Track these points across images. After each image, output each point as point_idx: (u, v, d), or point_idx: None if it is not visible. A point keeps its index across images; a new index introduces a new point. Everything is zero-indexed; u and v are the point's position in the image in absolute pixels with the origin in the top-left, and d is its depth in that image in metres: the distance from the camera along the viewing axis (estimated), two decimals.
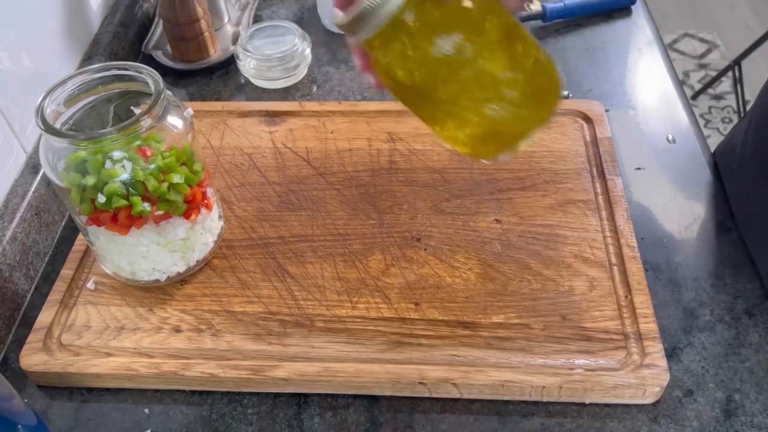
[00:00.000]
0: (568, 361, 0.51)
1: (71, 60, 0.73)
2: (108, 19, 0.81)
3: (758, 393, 0.51)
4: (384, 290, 0.56)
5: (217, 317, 0.55)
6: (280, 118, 0.72)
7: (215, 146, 0.69)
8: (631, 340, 0.52)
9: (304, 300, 0.56)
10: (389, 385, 0.51)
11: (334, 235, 0.60)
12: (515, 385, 0.50)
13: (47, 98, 0.50)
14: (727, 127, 2.06)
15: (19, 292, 0.58)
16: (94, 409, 0.52)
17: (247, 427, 0.50)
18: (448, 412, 0.51)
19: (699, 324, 0.55)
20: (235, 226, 0.61)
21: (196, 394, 0.52)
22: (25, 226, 0.59)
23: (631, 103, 0.74)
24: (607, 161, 0.65)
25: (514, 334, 0.53)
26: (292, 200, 0.63)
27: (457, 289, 0.56)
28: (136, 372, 0.51)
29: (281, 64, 0.76)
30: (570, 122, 0.69)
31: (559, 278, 0.56)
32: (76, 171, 0.50)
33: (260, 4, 0.92)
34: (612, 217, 0.60)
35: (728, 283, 0.57)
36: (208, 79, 0.81)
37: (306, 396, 0.52)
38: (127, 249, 0.54)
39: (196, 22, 0.78)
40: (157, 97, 0.50)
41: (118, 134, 0.48)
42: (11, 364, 0.55)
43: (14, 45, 0.62)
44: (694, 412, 0.50)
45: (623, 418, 0.50)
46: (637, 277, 0.55)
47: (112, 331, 0.54)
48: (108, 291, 0.57)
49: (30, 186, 0.61)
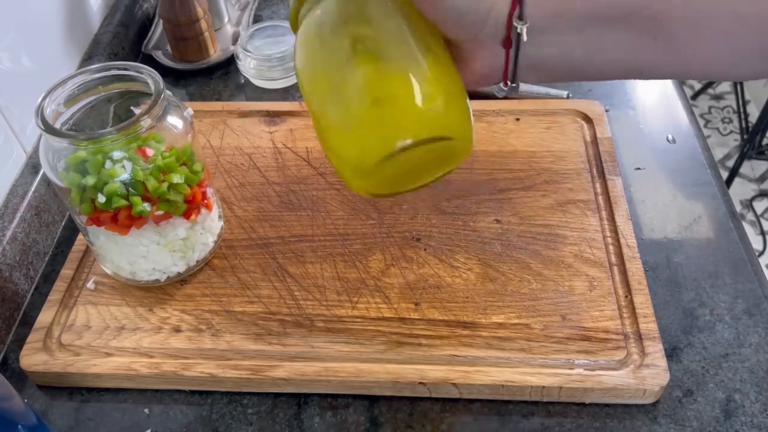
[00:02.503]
0: (568, 361, 0.51)
1: (71, 60, 0.73)
2: (108, 19, 0.81)
3: (758, 393, 0.51)
4: (384, 290, 0.56)
5: (217, 317, 0.55)
6: (280, 118, 0.72)
7: (215, 146, 0.69)
8: (630, 340, 0.52)
9: (304, 300, 0.56)
10: (389, 385, 0.51)
11: (334, 235, 0.60)
12: (515, 385, 0.50)
13: (47, 98, 0.50)
14: (727, 127, 2.06)
15: (19, 292, 0.58)
16: (94, 409, 0.52)
17: (247, 427, 0.50)
18: (448, 412, 0.51)
19: (699, 324, 0.55)
20: (235, 226, 0.61)
21: (196, 394, 0.52)
22: (25, 226, 0.59)
23: (631, 103, 0.74)
24: (607, 161, 0.65)
25: (514, 334, 0.53)
26: (292, 200, 0.63)
27: (457, 289, 0.56)
28: (136, 372, 0.51)
29: (281, 64, 0.76)
30: (570, 122, 0.69)
31: (559, 278, 0.56)
32: (76, 171, 0.50)
33: (260, 4, 0.92)
34: (612, 217, 0.60)
35: (728, 283, 0.57)
36: (208, 79, 0.81)
37: (306, 396, 0.52)
38: (127, 249, 0.54)
39: (196, 22, 0.78)
40: (157, 97, 0.50)
41: (118, 134, 0.48)
42: (11, 364, 0.55)
43: (14, 45, 0.62)
44: (694, 412, 0.50)
45: (623, 418, 0.50)
46: (637, 277, 0.55)
47: (112, 331, 0.54)
48: (108, 291, 0.57)
49: (30, 186, 0.61)
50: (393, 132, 0.39)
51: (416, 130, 0.39)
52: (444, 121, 0.40)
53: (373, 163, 0.40)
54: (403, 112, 0.39)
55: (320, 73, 0.42)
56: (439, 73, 0.41)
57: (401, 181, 0.44)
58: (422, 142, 0.40)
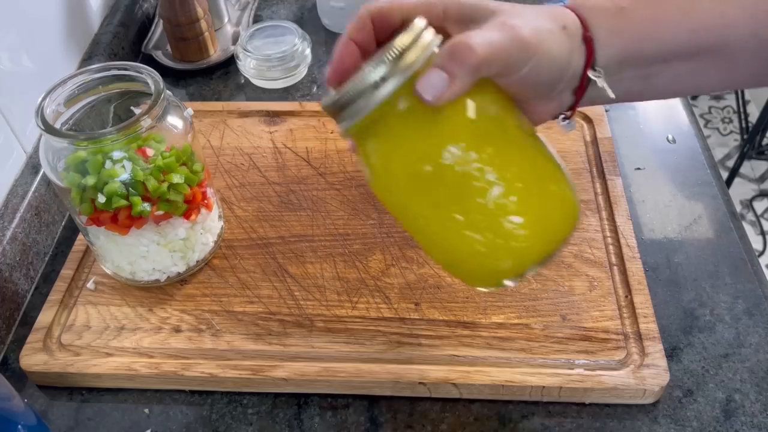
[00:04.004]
0: (568, 361, 0.51)
1: (71, 60, 0.73)
2: (108, 19, 0.81)
3: (758, 393, 0.51)
4: (384, 290, 0.56)
5: (217, 317, 0.55)
6: (280, 118, 0.72)
7: (215, 146, 0.69)
8: (631, 340, 0.52)
9: (304, 300, 0.56)
10: (389, 385, 0.51)
11: (334, 235, 0.60)
12: (515, 385, 0.50)
13: (47, 98, 0.50)
14: (728, 127, 2.06)
15: (19, 292, 0.58)
16: (94, 409, 0.52)
17: (247, 427, 0.50)
18: (448, 412, 0.51)
19: (699, 324, 0.55)
20: (235, 226, 0.61)
21: (196, 394, 0.52)
22: (25, 226, 0.59)
23: (632, 103, 0.74)
24: (607, 161, 0.65)
25: (514, 334, 0.53)
26: (292, 200, 0.63)
27: (457, 289, 0.56)
28: (136, 372, 0.51)
29: (281, 64, 0.76)
30: None
31: (559, 278, 0.56)
32: (76, 171, 0.50)
33: (260, 4, 0.92)
34: (612, 217, 0.60)
35: (728, 283, 0.57)
36: (208, 79, 0.81)
37: (306, 396, 0.52)
38: (127, 249, 0.54)
39: (196, 22, 0.78)
40: (157, 97, 0.50)
41: (118, 134, 0.48)
42: (11, 364, 0.55)
43: (14, 45, 0.62)
44: (694, 413, 0.50)
45: (623, 418, 0.50)
46: (637, 277, 0.55)
47: (112, 331, 0.54)
48: (108, 291, 0.57)
49: (30, 186, 0.61)
50: (542, 244, 0.39)
51: (563, 231, 0.40)
52: (575, 209, 0.40)
53: (504, 280, 0.41)
54: (548, 222, 0.39)
55: (436, 205, 0.38)
56: (553, 165, 0.41)
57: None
58: (563, 244, 0.40)
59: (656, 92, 0.42)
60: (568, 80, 0.40)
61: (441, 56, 0.35)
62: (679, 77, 0.41)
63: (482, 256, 0.39)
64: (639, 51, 0.39)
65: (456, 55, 0.34)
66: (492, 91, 0.38)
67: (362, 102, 0.36)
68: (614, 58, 0.39)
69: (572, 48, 0.38)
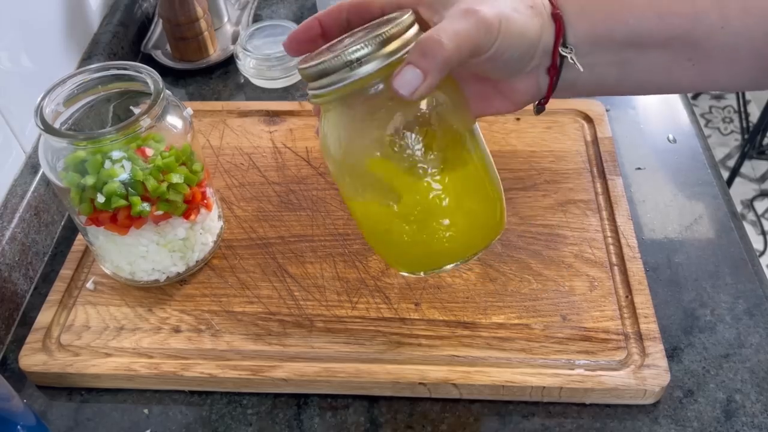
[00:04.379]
0: (569, 362, 0.51)
1: (71, 60, 0.73)
2: (107, 18, 0.80)
3: (759, 393, 0.51)
4: (384, 290, 0.56)
5: (216, 317, 0.55)
6: (280, 117, 0.71)
7: (215, 146, 0.69)
8: (631, 340, 0.52)
9: (303, 300, 0.55)
10: (389, 385, 0.50)
11: (334, 235, 0.60)
12: (515, 385, 0.49)
13: (46, 98, 0.50)
14: (728, 127, 2.06)
15: (18, 292, 0.58)
16: (93, 409, 0.52)
17: (246, 427, 0.50)
18: (448, 412, 0.51)
19: (699, 324, 0.55)
20: (234, 226, 0.61)
21: (196, 394, 0.52)
22: (25, 226, 0.59)
23: (632, 102, 0.74)
24: (608, 161, 0.65)
25: (514, 335, 0.52)
26: (292, 200, 0.63)
27: (457, 290, 0.56)
28: (136, 372, 0.51)
29: (281, 64, 0.76)
30: (570, 122, 0.69)
31: (559, 278, 0.56)
32: (75, 171, 0.50)
33: (260, 4, 0.92)
34: (612, 217, 0.60)
35: (729, 283, 0.57)
36: (207, 79, 0.81)
37: (306, 396, 0.52)
38: (126, 249, 0.54)
39: (195, 22, 0.78)
40: (156, 96, 0.50)
41: (117, 134, 0.48)
42: (10, 365, 0.55)
43: (14, 45, 0.62)
44: (694, 413, 0.50)
45: (624, 418, 0.50)
46: (638, 277, 0.55)
47: (112, 331, 0.54)
48: (107, 291, 0.57)
49: (29, 186, 0.61)
50: (463, 248, 0.43)
51: (486, 239, 0.44)
52: (502, 221, 0.44)
53: (428, 270, 0.45)
54: (474, 229, 0.43)
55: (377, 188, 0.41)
56: (492, 177, 0.44)
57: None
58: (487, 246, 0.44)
59: (634, 84, 0.43)
60: (540, 57, 0.41)
61: (413, 53, 0.36)
62: (655, 68, 0.41)
63: (405, 245, 0.42)
64: (609, 32, 0.40)
65: (427, 52, 0.36)
66: (447, 85, 0.40)
67: (336, 77, 0.37)
68: (584, 37, 0.40)
69: (542, 25, 0.39)
